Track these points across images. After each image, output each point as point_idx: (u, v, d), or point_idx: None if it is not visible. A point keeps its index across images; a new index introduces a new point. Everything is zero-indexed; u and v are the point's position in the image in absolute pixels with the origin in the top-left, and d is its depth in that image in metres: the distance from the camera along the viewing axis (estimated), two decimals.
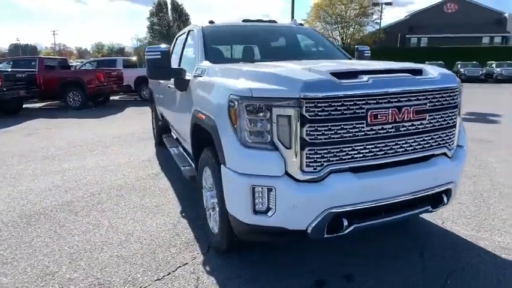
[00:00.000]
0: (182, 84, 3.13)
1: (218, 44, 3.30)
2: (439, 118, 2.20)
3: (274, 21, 3.96)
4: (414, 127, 2.12)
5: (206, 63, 2.97)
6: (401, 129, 2.07)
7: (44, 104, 13.37)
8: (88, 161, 5.38)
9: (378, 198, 2.05)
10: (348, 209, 1.98)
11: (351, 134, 1.96)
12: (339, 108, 1.91)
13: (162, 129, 6.07)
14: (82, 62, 19.69)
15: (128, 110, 11.55)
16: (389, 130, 2.04)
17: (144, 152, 5.91)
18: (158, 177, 4.54)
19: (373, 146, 2.03)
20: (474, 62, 27.16)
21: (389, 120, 2.02)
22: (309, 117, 1.87)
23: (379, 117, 1.99)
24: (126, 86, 14.15)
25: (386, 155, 2.08)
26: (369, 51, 4.00)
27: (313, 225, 1.97)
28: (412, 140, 2.13)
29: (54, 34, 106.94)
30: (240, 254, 2.59)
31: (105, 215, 3.38)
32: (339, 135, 1.94)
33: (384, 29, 39.74)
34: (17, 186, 4.24)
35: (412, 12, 42.26)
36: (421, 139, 2.17)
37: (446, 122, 2.25)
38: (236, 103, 1.98)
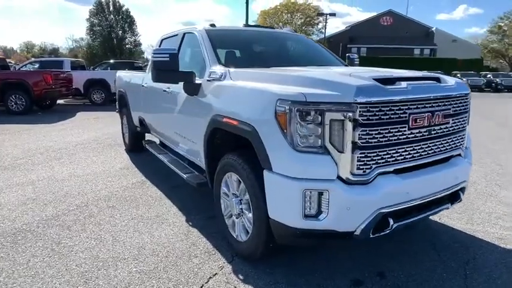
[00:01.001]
0: (192, 88, 3.02)
1: (225, 47, 3.24)
2: (457, 122, 2.41)
3: (272, 28, 4.00)
4: (441, 130, 2.29)
5: (220, 68, 2.90)
6: (432, 132, 2.23)
7: None
8: (57, 170, 4.91)
9: (416, 198, 2.17)
10: (393, 209, 2.07)
11: (395, 137, 2.06)
12: (387, 112, 2.00)
13: (137, 136, 5.78)
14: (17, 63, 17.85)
15: (81, 115, 10.74)
16: (424, 133, 2.19)
17: (117, 159, 5.56)
18: (145, 185, 4.30)
19: (411, 148, 2.15)
20: (472, 72, 28.63)
21: (425, 124, 2.16)
22: (361, 121, 1.93)
23: (417, 121, 2.12)
24: (75, 90, 13.18)
25: (421, 157, 2.21)
26: (358, 59, 4.21)
27: (363, 226, 2.02)
28: (439, 143, 2.30)
29: None
30: (266, 261, 2.55)
31: (104, 229, 3.12)
32: (386, 139, 2.03)
33: (328, 38, 41.88)
34: None
35: (352, 24, 45.13)
36: (446, 141, 2.35)
37: (462, 126, 2.47)
38: (287, 108, 1.97)
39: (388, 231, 2.12)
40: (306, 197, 1.97)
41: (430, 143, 2.24)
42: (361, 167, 1.98)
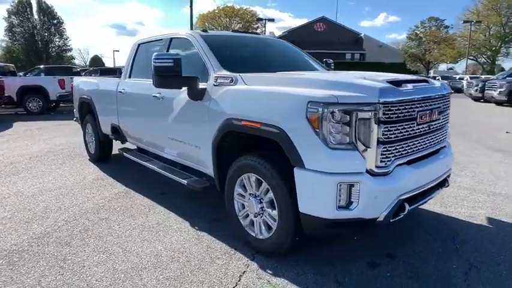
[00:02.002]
0: (196, 93, 3.05)
1: (222, 52, 3.31)
2: (445, 117, 2.81)
3: (258, 34, 4.15)
4: (437, 125, 2.65)
5: (227, 72, 2.98)
6: (431, 127, 2.58)
7: None
8: (22, 185, 4.50)
9: (423, 184, 2.50)
10: (408, 195, 2.37)
11: (407, 132, 2.36)
12: (402, 111, 2.28)
13: (105, 145, 5.52)
14: None
15: (20, 126, 9.77)
16: (426, 128, 2.53)
17: (86, 170, 5.24)
18: (130, 195, 4.15)
19: (418, 141, 2.47)
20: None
21: (427, 120, 2.50)
22: (384, 119, 2.19)
23: (422, 117, 2.45)
24: (7, 98, 11.93)
25: (424, 149, 2.55)
26: (333, 64, 4.56)
27: (386, 212, 2.27)
28: (435, 136, 2.67)
29: None
30: (287, 256, 2.68)
31: (108, 241, 2.99)
32: (401, 134, 2.31)
33: None
34: None
35: (289, 29, 46.86)
36: (439, 134, 2.73)
37: (446, 120, 2.88)
38: (320, 109, 2.15)
39: (402, 216, 2.40)
40: (340, 190, 2.17)
41: (429, 137, 2.59)
42: (383, 160, 2.24)
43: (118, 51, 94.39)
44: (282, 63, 3.73)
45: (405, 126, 2.33)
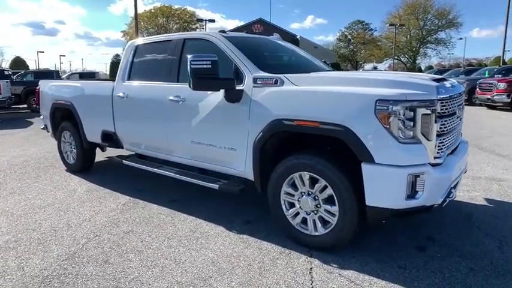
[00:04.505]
0: (235, 95, 3.01)
1: (252, 53, 3.29)
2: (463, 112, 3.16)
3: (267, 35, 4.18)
4: (462, 117, 2.98)
5: (267, 74, 2.98)
6: (461, 119, 2.90)
7: None
8: (3, 204, 3.97)
9: (461, 171, 2.79)
10: (454, 182, 2.63)
11: (451, 125, 2.63)
12: (450, 105, 2.54)
13: (88, 153, 5.11)
14: None
15: None
16: (459, 121, 2.83)
17: (71, 182, 4.80)
18: (140, 205, 3.91)
19: (455, 133, 2.76)
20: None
21: (460, 113, 2.81)
22: (440, 114, 2.42)
23: (458, 112, 2.74)
24: None
25: (457, 140, 2.85)
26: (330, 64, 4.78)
27: (441, 199, 2.51)
28: (461, 127, 3.00)
29: None
30: (339, 250, 2.78)
31: (151, 255, 2.81)
32: (449, 126, 2.57)
33: None
34: None
35: (228, 31, 46.94)
36: (461, 128, 3.06)
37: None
38: (390, 106, 2.30)
39: (448, 201, 2.66)
40: (409, 181, 2.34)
41: (459, 128, 2.91)
42: (439, 151, 2.47)
43: (43, 52, 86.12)
44: (302, 64, 3.83)
45: (450, 120, 2.59)
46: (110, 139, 4.54)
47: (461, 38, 50.64)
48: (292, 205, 2.89)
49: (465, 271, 2.49)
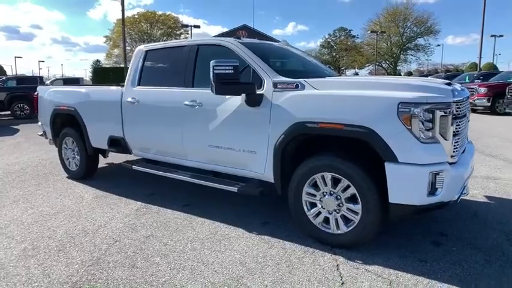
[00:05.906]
0: (255, 99, 3.10)
1: (270, 59, 3.39)
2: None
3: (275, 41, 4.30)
4: (468, 121, 3.17)
5: (286, 78, 3.09)
6: (468, 120, 3.08)
7: None
8: (10, 212, 3.90)
9: (472, 169, 2.98)
10: (467, 181, 2.81)
11: (463, 126, 2.80)
12: (463, 107, 2.72)
13: (92, 160, 5.08)
14: None
15: None
16: (467, 121, 3.01)
17: (77, 189, 4.75)
18: (153, 210, 3.92)
19: (466, 133, 2.94)
20: None
21: (467, 115, 2.99)
22: (456, 115, 2.59)
23: (467, 114, 2.92)
24: None
25: (464, 142, 3.03)
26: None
27: (457, 195, 2.67)
28: (467, 130, 3.18)
29: None
30: (360, 247, 2.89)
31: (176, 258, 2.84)
32: (462, 127, 2.74)
33: None
34: None
35: (214, 36, 47.21)
36: (468, 129, 3.25)
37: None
38: (412, 108, 2.44)
39: (462, 196, 2.83)
40: (431, 178, 2.48)
41: (467, 130, 3.09)
42: (454, 150, 2.63)
43: (21, 57, 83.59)
44: (313, 69, 3.96)
45: (463, 121, 2.77)
46: (118, 144, 4.53)
47: (439, 45, 52.76)
48: (313, 205, 2.99)
49: (481, 262, 2.65)
